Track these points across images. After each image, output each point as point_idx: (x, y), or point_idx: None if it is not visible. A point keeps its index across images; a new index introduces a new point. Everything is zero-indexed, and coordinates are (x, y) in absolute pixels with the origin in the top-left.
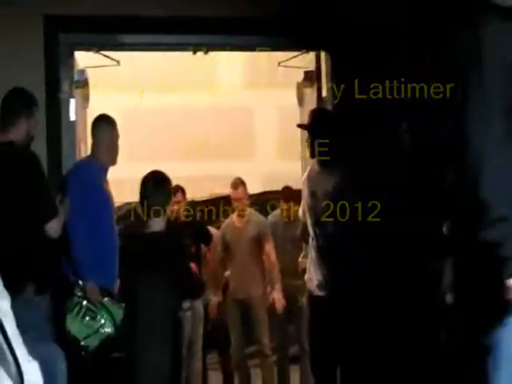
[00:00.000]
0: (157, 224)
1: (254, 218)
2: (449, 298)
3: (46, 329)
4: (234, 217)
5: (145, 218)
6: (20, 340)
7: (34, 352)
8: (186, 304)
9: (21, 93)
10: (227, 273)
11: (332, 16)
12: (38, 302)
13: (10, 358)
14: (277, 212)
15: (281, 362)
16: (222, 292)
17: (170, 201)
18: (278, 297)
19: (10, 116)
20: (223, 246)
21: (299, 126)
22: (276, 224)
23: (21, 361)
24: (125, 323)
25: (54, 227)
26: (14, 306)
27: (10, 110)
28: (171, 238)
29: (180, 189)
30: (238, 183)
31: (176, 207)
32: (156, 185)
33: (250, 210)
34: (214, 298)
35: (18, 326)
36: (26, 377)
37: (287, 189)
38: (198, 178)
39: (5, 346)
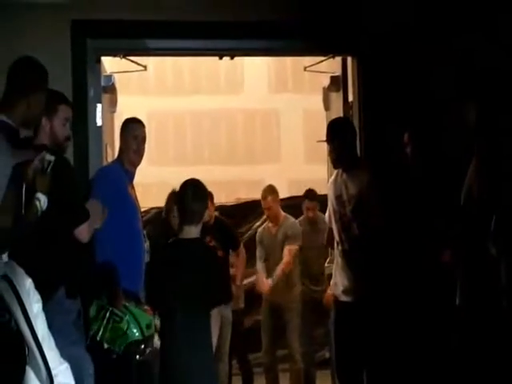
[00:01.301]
0: (192, 231)
1: (286, 222)
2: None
3: (75, 333)
4: (269, 222)
5: (179, 225)
6: (52, 343)
7: (63, 355)
8: (214, 310)
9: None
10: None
11: (359, 20)
12: (69, 306)
13: (40, 361)
14: (302, 218)
15: (307, 366)
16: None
17: (205, 209)
18: (263, 283)
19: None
20: (262, 249)
21: (319, 141)
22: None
23: (51, 364)
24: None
25: (84, 232)
26: (45, 309)
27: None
28: (205, 244)
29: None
30: (267, 192)
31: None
32: (192, 193)
33: (283, 216)
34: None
35: (49, 328)
36: (57, 379)
37: (311, 191)
38: (224, 183)
39: (35, 349)
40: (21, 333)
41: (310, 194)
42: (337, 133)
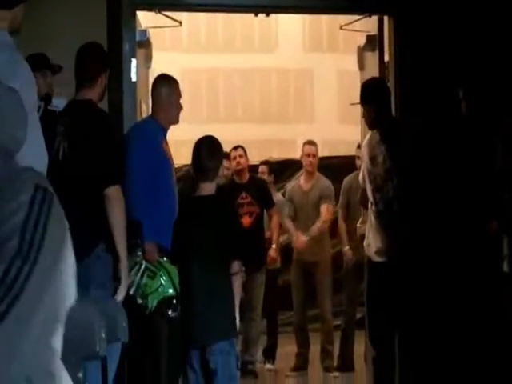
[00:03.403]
0: (207, 188)
1: (320, 182)
2: (506, 267)
3: (111, 286)
4: (301, 180)
5: (196, 183)
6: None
7: (99, 308)
8: (235, 268)
9: (98, 49)
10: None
11: None
12: (107, 260)
13: None
14: (352, 175)
15: (347, 325)
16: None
17: (220, 166)
18: (299, 239)
19: (86, 75)
20: (291, 207)
21: (353, 104)
22: (351, 187)
23: None
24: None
25: (113, 193)
26: (85, 263)
27: (86, 69)
28: (221, 201)
29: (242, 148)
30: (313, 142)
31: (239, 165)
32: (207, 149)
33: (317, 175)
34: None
35: (91, 281)
36: None
37: None
38: (257, 142)
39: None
40: None
41: None
42: (371, 94)
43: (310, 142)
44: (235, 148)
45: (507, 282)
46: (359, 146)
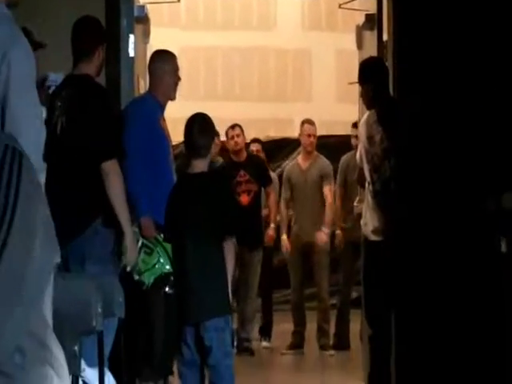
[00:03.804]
0: (200, 165)
1: (318, 161)
2: (504, 247)
3: (110, 262)
4: (299, 159)
5: (188, 160)
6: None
7: (96, 283)
8: (228, 244)
9: (94, 22)
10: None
11: None
12: (106, 235)
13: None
14: (350, 154)
15: (342, 304)
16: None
17: (211, 143)
18: (320, 236)
19: (83, 48)
20: (288, 187)
21: (351, 83)
22: (348, 166)
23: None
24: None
25: (110, 167)
26: (83, 238)
27: (83, 42)
28: (213, 178)
29: (239, 127)
30: (312, 121)
31: (237, 144)
32: (199, 126)
33: (315, 154)
34: (284, 237)
35: (87, 256)
36: None
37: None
38: (254, 120)
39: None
40: None
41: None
42: (370, 73)
43: (309, 122)
44: (232, 127)
45: (505, 262)
46: (355, 125)
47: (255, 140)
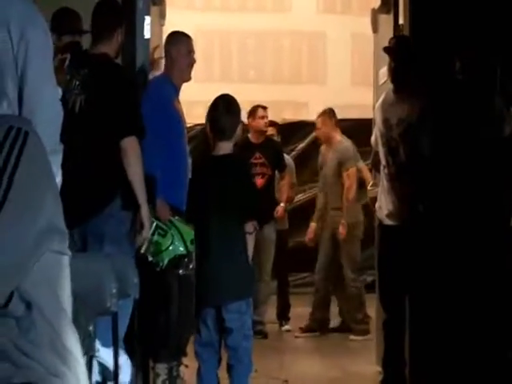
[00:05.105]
0: (225, 146)
1: (338, 145)
2: None
3: (126, 242)
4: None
5: (213, 142)
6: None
7: (110, 264)
8: (250, 228)
9: (114, 4)
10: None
11: None
12: (124, 218)
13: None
14: None
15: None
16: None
17: (238, 124)
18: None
19: (104, 29)
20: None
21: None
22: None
23: None
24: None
25: (129, 144)
26: (100, 219)
27: (104, 22)
28: (238, 160)
29: (263, 108)
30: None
31: (266, 125)
32: (225, 107)
33: (337, 138)
34: (312, 224)
35: (107, 236)
36: None
37: None
38: (269, 102)
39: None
40: None
41: None
42: (398, 49)
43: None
44: (264, 107)
45: None
46: None
47: (272, 123)
